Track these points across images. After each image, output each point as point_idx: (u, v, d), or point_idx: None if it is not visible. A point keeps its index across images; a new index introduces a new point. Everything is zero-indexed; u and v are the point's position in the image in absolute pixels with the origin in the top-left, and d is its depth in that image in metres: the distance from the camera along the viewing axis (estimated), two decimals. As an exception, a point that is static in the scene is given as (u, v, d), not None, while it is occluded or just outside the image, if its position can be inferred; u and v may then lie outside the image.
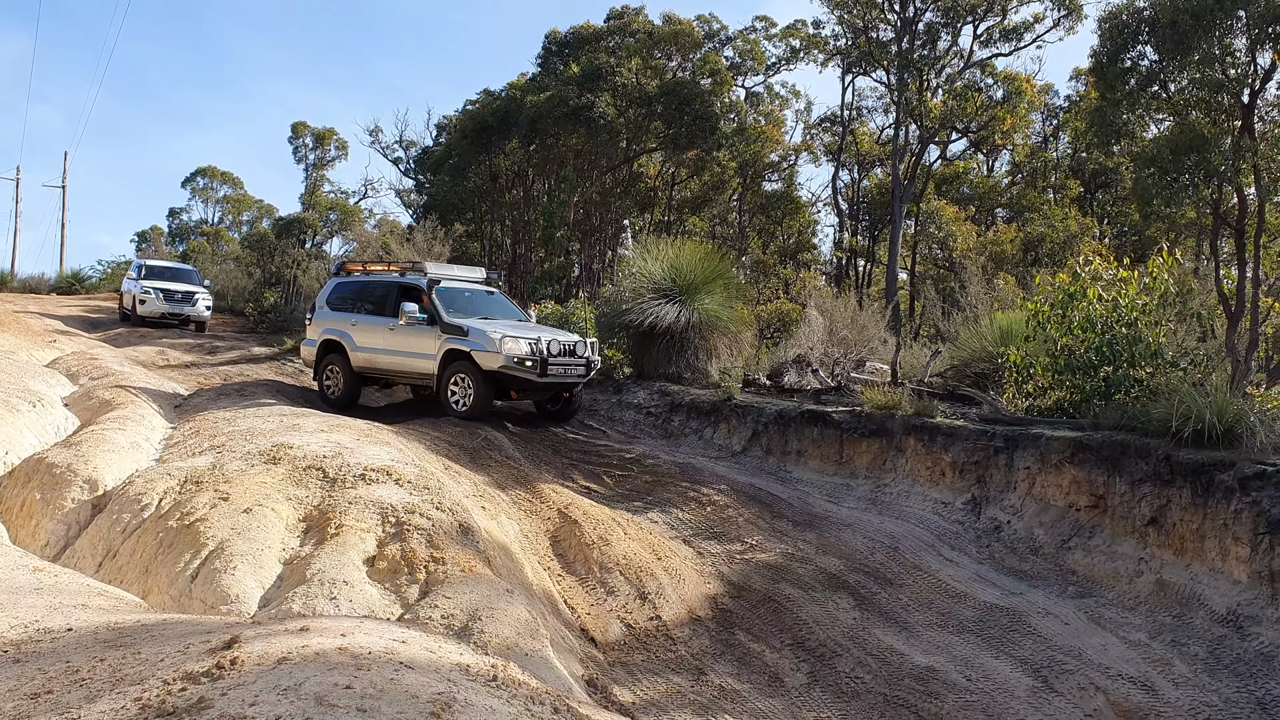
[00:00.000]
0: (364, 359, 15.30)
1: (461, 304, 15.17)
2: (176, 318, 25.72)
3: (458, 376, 14.23)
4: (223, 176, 55.60)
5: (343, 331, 15.55)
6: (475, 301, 15.55)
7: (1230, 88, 14.07)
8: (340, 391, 15.51)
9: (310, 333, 16.19)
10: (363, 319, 15.40)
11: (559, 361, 14.18)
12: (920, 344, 20.18)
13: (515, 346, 13.83)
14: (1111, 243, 28.71)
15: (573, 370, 14.45)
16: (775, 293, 34.19)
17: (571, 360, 14.41)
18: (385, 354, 15.05)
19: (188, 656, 4.04)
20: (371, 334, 15.20)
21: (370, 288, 15.75)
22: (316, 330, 16.02)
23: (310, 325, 16.30)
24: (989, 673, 8.39)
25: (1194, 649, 8.55)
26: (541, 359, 13.91)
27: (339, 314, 15.81)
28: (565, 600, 9.51)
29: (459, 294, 15.41)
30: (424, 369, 14.64)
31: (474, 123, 32.65)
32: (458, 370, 14.21)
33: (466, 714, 3.64)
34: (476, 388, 14.01)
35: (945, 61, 30.72)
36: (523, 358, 13.79)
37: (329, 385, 15.70)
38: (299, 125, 43.87)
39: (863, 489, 12.29)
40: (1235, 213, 14.67)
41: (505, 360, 13.73)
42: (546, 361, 13.96)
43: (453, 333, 14.25)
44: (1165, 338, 11.60)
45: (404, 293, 15.10)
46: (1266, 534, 8.68)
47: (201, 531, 8.04)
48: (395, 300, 15.11)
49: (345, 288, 16.10)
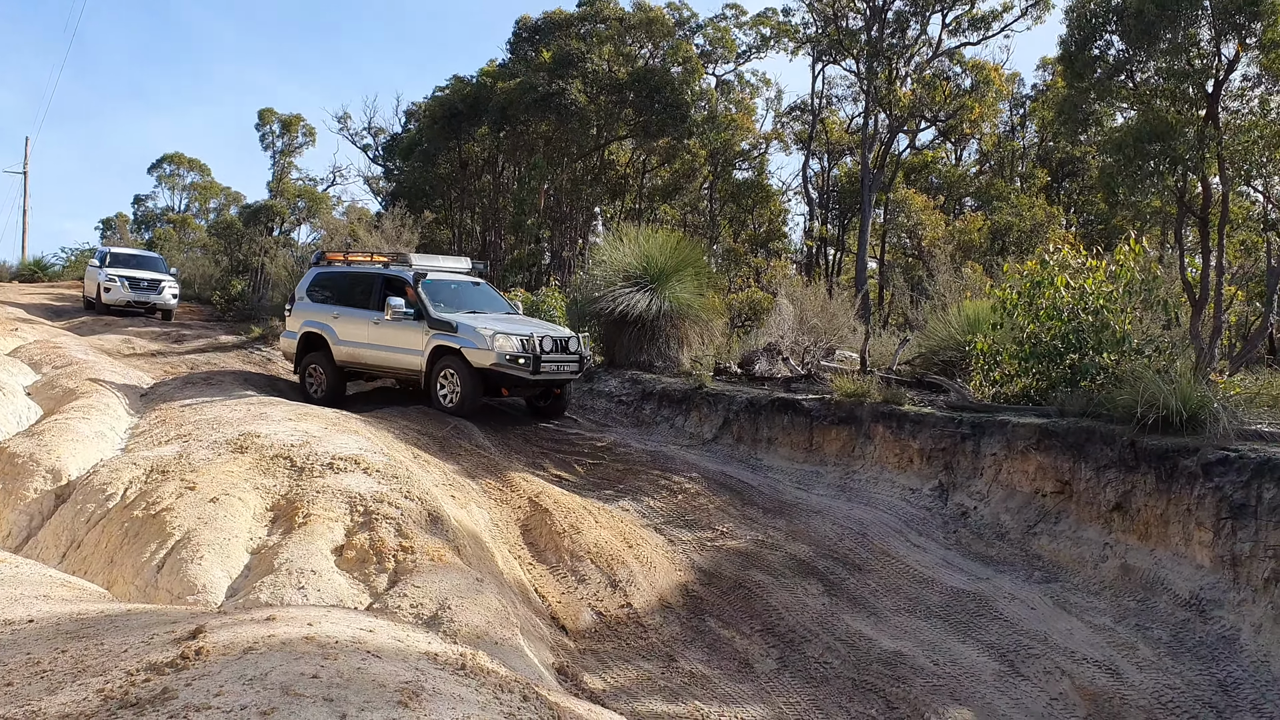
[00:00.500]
0: (347, 353, 14.88)
1: (448, 297, 14.72)
2: (142, 306, 25.42)
3: (446, 372, 13.85)
4: (189, 163, 54.92)
5: (324, 324, 15.07)
6: (462, 294, 15.13)
7: (1195, 77, 14.21)
8: (323, 387, 15.09)
9: (290, 324, 15.69)
10: (345, 311, 14.91)
11: (552, 358, 13.82)
12: (889, 332, 20.29)
13: (507, 343, 13.42)
14: (1078, 231, 28.94)
15: (565, 367, 14.11)
16: (746, 281, 34.26)
17: (564, 357, 14.06)
18: (370, 348, 14.64)
19: (152, 647, 4.00)
20: (355, 327, 14.73)
21: (352, 279, 15.23)
22: (296, 322, 15.50)
23: (289, 317, 15.76)
24: (956, 657, 8.46)
25: (1158, 632, 8.66)
26: (534, 356, 13.53)
27: (320, 305, 15.29)
28: (536, 588, 9.51)
29: (445, 286, 14.93)
30: (411, 364, 14.24)
31: (444, 109, 32.45)
32: (446, 366, 13.83)
33: (434, 702, 3.62)
34: (465, 385, 13.65)
35: (914, 50, 30.84)
36: (515, 355, 13.40)
37: (311, 381, 15.27)
38: (266, 112, 43.39)
39: (832, 476, 12.35)
40: (1200, 201, 14.82)
41: (498, 358, 13.34)
42: (540, 359, 13.59)
43: (441, 328, 13.82)
44: (1130, 325, 11.71)
45: (388, 285, 14.61)
46: (1229, 519, 8.80)
47: (168, 521, 7.97)
48: (379, 293, 14.61)
49: (325, 278, 15.56)
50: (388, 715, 3.39)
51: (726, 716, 7.72)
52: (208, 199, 54.69)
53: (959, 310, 14.76)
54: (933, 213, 31.98)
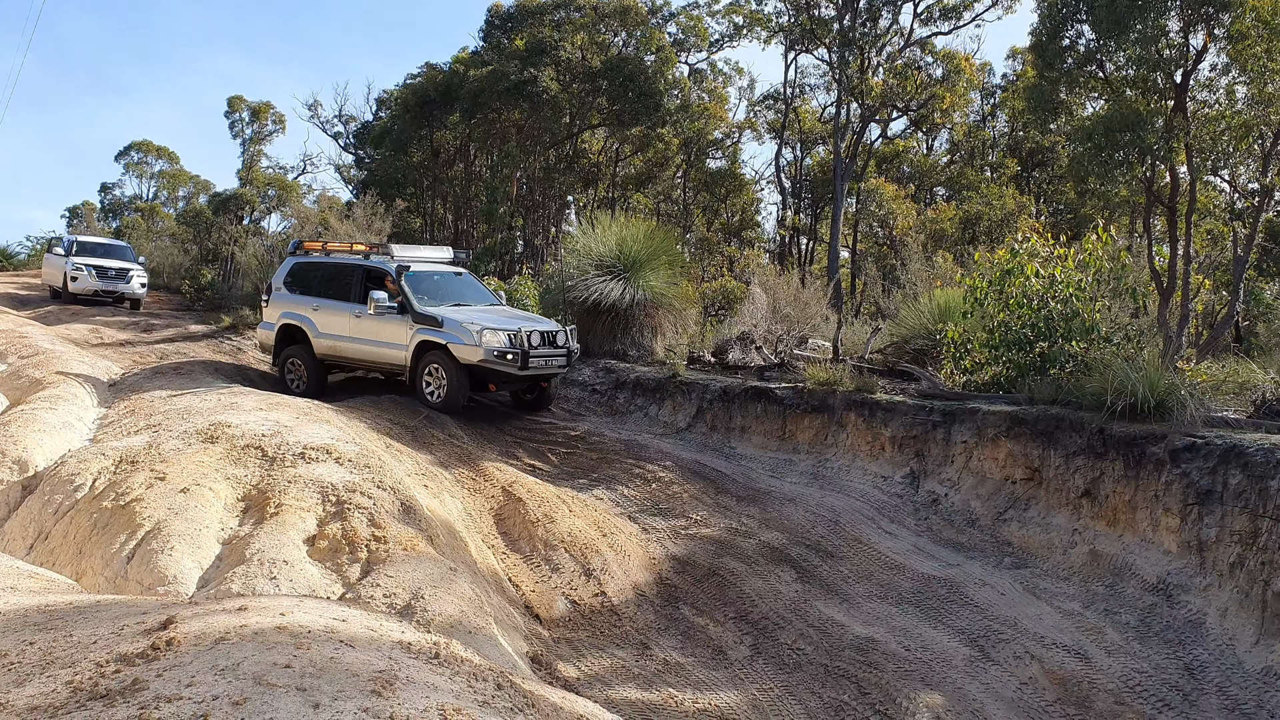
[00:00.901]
0: (328, 346, 14.55)
1: (431, 289, 14.43)
2: (110, 295, 25.11)
3: (432, 368, 13.58)
4: (158, 151, 54.25)
5: (303, 316, 14.72)
6: (445, 285, 14.85)
7: (1164, 68, 14.32)
8: (305, 381, 14.76)
9: (267, 315, 15.32)
10: (325, 303, 14.57)
11: (540, 353, 13.56)
12: (861, 321, 20.39)
13: (495, 339, 13.16)
14: (1048, 220, 29.15)
15: (553, 361, 13.86)
16: (720, 270, 34.29)
17: (552, 351, 13.80)
18: (352, 342, 14.33)
19: (122, 638, 3.96)
20: (335, 320, 14.43)
21: (332, 270, 14.84)
22: (274, 313, 15.12)
23: (267, 307, 15.39)
24: (927, 643, 8.54)
25: (1126, 617, 8.77)
26: (523, 351, 13.29)
27: (298, 297, 14.92)
28: (510, 578, 9.50)
29: (428, 278, 14.61)
30: (395, 359, 13.96)
31: (416, 97, 32.23)
32: (432, 362, 13.56)
33: (408, 691, 3.62)
34: (452, 381, 13.39)
35: (886, 40, 30.90)
36: (503, 351, 13.14)
37: (291, 375, 14.92)
38: (235, 99, 42.97)
39: (805, 464, 12.41)
40: (1168, 191, 14.96)
41: (485, 354, 13.08)
42: (528, 354, 13.34)
43: (426, 323, 13.54)
44: (1099, 314, 11.82)
45: (370, 278, 14.30)
46: (1196, 505, 8.92)
47: (137, 512, 7.90)
48: (360, 285, 14.30)
49: (304, 268, 15.15)
50: (361, 705, 3.38)
51: (700, 704, 7.75)
52: (176, 187, 54.10)
53: (930, 299, 14.86)
54: (904, 202, 32.13)
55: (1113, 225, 14.26)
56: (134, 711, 3.17)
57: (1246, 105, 14.52)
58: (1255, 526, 8.38)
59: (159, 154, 54.36)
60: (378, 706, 3.39)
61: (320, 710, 3.30)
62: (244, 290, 25.70)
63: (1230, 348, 15.01)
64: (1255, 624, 8.10)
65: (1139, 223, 19.60)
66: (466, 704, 3.69)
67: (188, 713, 3.17)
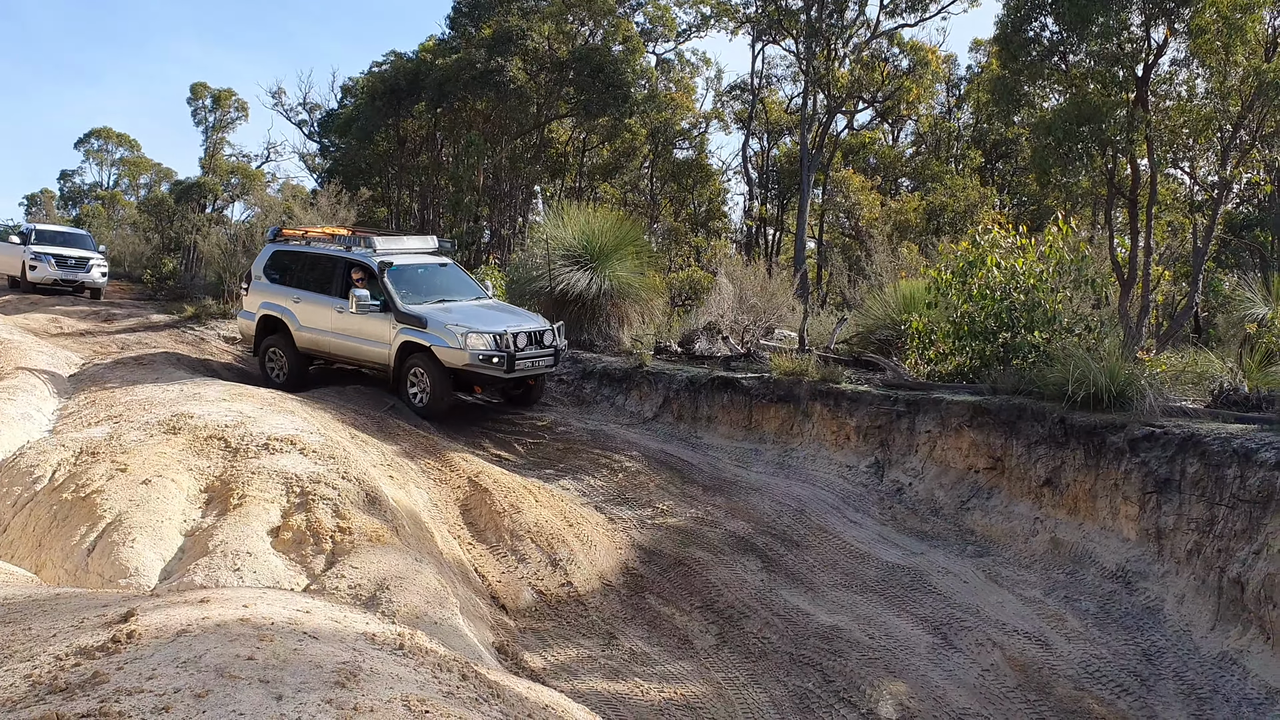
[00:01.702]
0: (309, 340, 14.08)
1: (415, 283, 13.88)
2: (70, 284, 24.72)
3: (416, 371, 13.14)
4: (118, 138, 53.53)
5: (284, 308, 14.21)
6: (430, 279, 14.30)
7: (1126, 61, 14.48)
8: (285, 372, 14.32)
9: (247, 304, 14.86)
10: (306, 295, 14.06)
11: (526, 355, 13.12)
12: (828, 311, 20.49)
13: (480, 341, 12.71)
14: (1011, 212, 29.41)
15: (540, 361, 13.43)
16: (687, 260, 34.35)
17: (539, 351, 13.37)
18: (334, 337, 13.84)
19: (82, 631, 3.92)
20: (317, 313, 13.92)
21: (312, 260, 14.28)
22: (254, 303, 14.62)
23: (247, 296, 14.91)
24: (891, 630, 8.62)
25: (1085, 604, 8.90)
26: (509, 354, 12.83)
27: (278, 287, 14.39)
28: (476, 568, 9.49)
29: (412, 272, 14.03)
30: (379, 357, 13.49)
31: (382, 85, 31.98)
32: (416, 365, 13.11)
33: (372, 683, 3.61)
34: (437, 385, 12.98)
35: (853, 31, 30.99)
36: (488, 354, 12.67)
37: (272, 366, 14.48)
38: (198, 86, 42.45)
39: (771, 453, 12.47)
40: (1129, 183, 15.14)
41: (470, 358, 12.64)
42: (514, 357, 12.88)
43: (409, 323, 13.06)
44: (1061, 304, 11.96)
45: (352, 271, 13.73)
46: (1154, 493, 9.06)
47: (98, 504, 7.82)
48: (343, 279, 13.76)
49: (283, 257, 14.62)
50: (325, 696, 3.37)
51: (666, 693, 7.79)
52: (137, 175, 53.41)
53: (895, 290, 14.96)
54: (870, 193, 32.29)
55: (1074, 217, 14.39)
56: (94, 705, 3.14)
57: (1206, 98, 14.72)
58: (1212, 514, 8.53)
59: (120, 141, 53.65)
60: (342, 698, 3.38)
61: (284, 702, 3.29)
62: (207, 280, 25.39)
63: (1189, 338, 15.23)
64: (1211, 610, 8.25)
65: (1101, 214, 19.83)
66: (431, 695, 3.69)
67: (149, 705, 3.15)
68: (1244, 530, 8.18)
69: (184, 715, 3.12)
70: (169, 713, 3.12)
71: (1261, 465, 8.24)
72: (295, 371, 14.30)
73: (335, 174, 31.69)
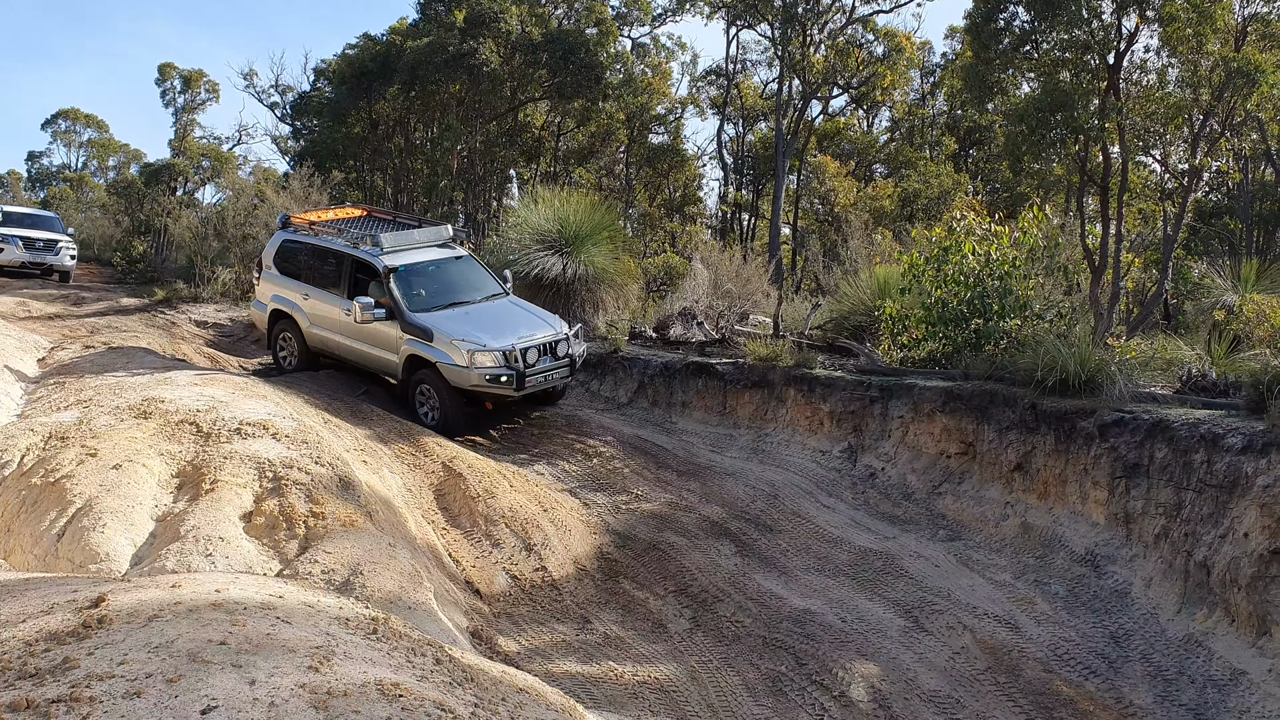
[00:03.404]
0: (318, 339, 13.46)
1: (426, 284, 13.02)
2: (38, 267, 24.42)
3: (424, 387, 12.47)
4: (86, 119, 52.70)
5: (293, 303, 13.58)
6: (443, 277, 13.37)
7: (1097, 49, 14.57)
8: (296, 362, 13.78)
9: (259, 294, 14.23)
10: (314, 292, 13.37)
11: (538, 370, 12.27)
12: (802, 297, 20.55)
13: (486, 359, 11.92)
14: (984, 199, 29.56)
15: (554, 375, 12.60)
16: (662, 246, 34.28)
17: (553, 365, 12.49)
18: (343, 339, 13.15)
19: (52, 616, 3.90)
20: (326, 312, 13.25)
21: (320, 254, 13.51)
22: (266, 294, 14.01)
23: (259, 285, 14.26)
24: (863, 614, 8.69)
25: (1055, 588, 9.00)
26: (518, 373, 12.01)
27: (288, 280, 13.69)
28: (450, 553, 9.48)
29: (423, 272, 13.13)
30: (388, 365, 12.80)
31: (354, 68, 31.68)
32: (424, 379, 12.43)
33: (346, 666, 3.61)
34: (446, 404, 12.27)
35: (828, 17, 30.97)
36: (496, 374, 11.91)
37: (283, 352, 13.95)
38: (166, 67, 41.83)
39: (745, 439, 12.52)
40: (1101, 171, 15.25)
41: (477, 378, 11.91)
42: (524, 375, 12.06)
43: (416, 334, 12.29)
44: (1033, 291, 12.05)
45: (358, 272, 13.00)
46: (1123, 478, 9.16)
47: (68, 489, 7.74)
48: (350, 278, 13.03)
49: (292, 248, 13.84)
50: (298, 680, 3.37)
51: (640, 676, 7.83)
52: (106, 157, 52.67)
53: (870, 276, 15.01)
54: (845, 179, 32.34)
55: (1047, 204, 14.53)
56: (64, 690, 3.13)
57: (1177, 87, 14.83)
58: (1179, 499, 8.64)
59: (88, 122, 52.84)
60: (315, 681, 3.38)
61: (256, 686, 3.28)
62: (177, 263, 25.16)
63: (1159, 325, 15.38)
64: (1178, 593, 8.37)
65: (1073, 201, 19.97)
66: (405, 678, 3.69)
67: (120, 690, 3.13)
68: (1210, 514, 8.30)
69: (156, 700, 3.11)
70: (140, 697, 3.11)
71: (1228, 450, 8.35)
72: (305, 361, 13.79)
73: (308, 157, 31.40)
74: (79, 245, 27.16)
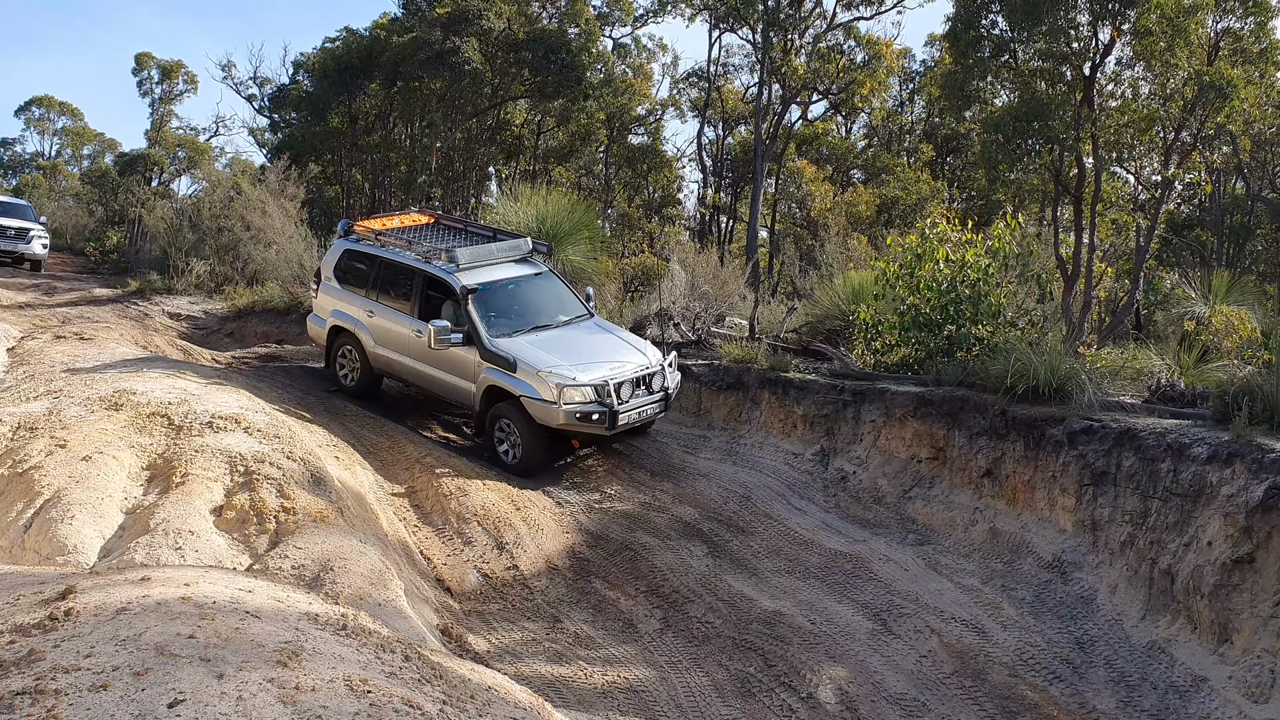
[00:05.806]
0: (384, 360, 12.51)
1: (505, 306, 12.05)
2: (9, 255, 24.19)
3: (504, 423, 11.42)
4: (60, 107, 52.15)
5: (356, 320, 12.62)
6: (523, 297, 12.39)
7: (1073, 60, 14.71)
8: (357, 380, 12.92)
9: (317, 308, 13.30)
10: (380, 309, 12.40)
11: (631, 406, 11.28)
12: (778, 300, 20.60)
13: (577, 394, 10.90)
14: (960, 206, 29.76)
15: (647, 410, 11.57)
16: (640, 246, 34.29)
17: (646, 400, 11.53)
18: (411, 361, 12.19)
19: (18, 609, 3.89)
20: (393, 333, 12.28)
21: (387, 269, 12.51)
22: (324, 308, 13.07)
23: (317, 297, 13.30)
24: (832, 616, 8.75)
25: (1022, 593, 9.09)
26: (611, 410, 11.02)
27: (350, 293, 12.74)
28: (421, 550, 9.48)
29: (501, 292, 12.12)
30: (464, 394, 11.80)
31: (335, 62, 31.55)
32: (503, 414, 11.37)
33: (314, 662, 3.62)
34: (529, 442, 11.21)
35: (809, 22, 31.10)
36: (586, 412, 10.93)
37: (344, 370, 13.03)
38: (143, 56, 41.51)
39: (719, 440, 12.56)
40: (1075, 181, 15.39)
41: (566, 417, 10.90)
42: (617, 413, 11.06)
43: (496, 363, 11.27)
44: (1006, 298, 12.14)
45: (430, 289, 12.06)
46: (1090, 485, 9.26)
47: (36, 480, 7.70)
48: (421, 296, 12.09)
49: (355, 258, 12.87)
50: (266, 675, 3.38)
51: (610, 676, 7.85)
52: (81, 145, 52.17)
53: (845, 281, 15.08)
54: (822, 184, 32.48)
55: (1022, 213, 14.66)
56: (30, 683, 3.12)
57: (1150, 99, 14.99)
58: (1145, 507, 8.74)
59: (62, 110, 52.30)
60: (283, 677, 3.39)
61: (225, 681, 3.29)
62: (152, 254, 24.96)
63: (1130, 334, 15.53)
64: (1142, 600, 8.47)
65: (1047, 210, 20.15)
66: (373, 675, 3.71)
67: (86, 683, 3.13)
68: (1175, 523, 8.40)
69: (123, 693, 3.11)
70: (107, 690, 3.11)
71: (1193, 460, 8.45)
72: (367, 381, 12.94)
73: (285, 150, 31.23)
74: (52, 234, 26.93)
